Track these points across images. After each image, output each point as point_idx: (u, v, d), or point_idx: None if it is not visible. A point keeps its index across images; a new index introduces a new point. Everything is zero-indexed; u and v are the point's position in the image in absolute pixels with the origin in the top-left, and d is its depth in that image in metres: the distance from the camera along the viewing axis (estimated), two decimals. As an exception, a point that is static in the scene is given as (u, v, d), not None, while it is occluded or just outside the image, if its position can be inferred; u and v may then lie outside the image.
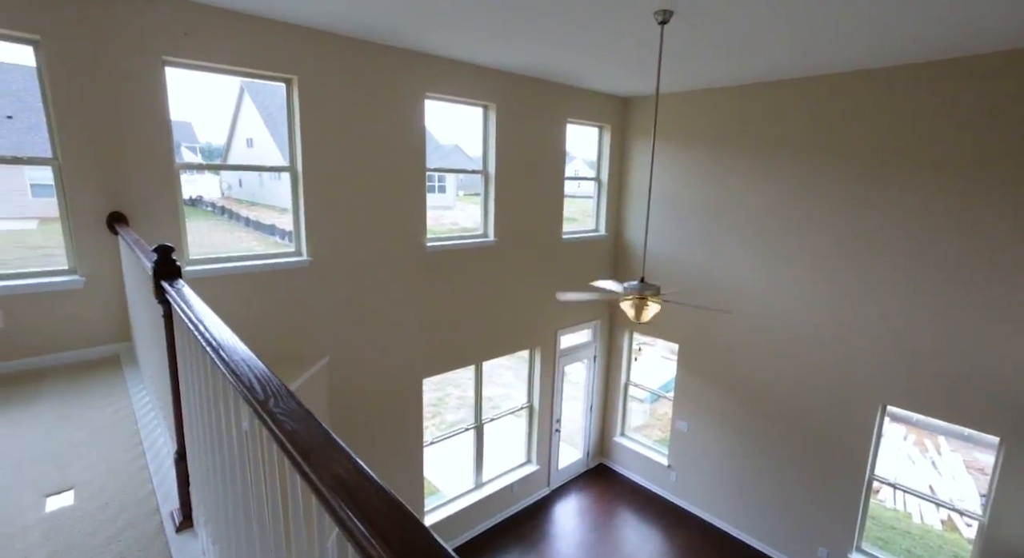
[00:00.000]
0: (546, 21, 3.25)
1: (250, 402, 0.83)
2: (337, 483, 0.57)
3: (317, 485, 0.59)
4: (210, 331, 1.11)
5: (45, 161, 2.92)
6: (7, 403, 2.47)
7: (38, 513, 1.68)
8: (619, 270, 6.59)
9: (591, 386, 6.81)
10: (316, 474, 0.59)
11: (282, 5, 3.14)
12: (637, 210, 6.31)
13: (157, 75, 3.07)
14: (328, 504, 0.56)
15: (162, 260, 1.63)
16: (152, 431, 2.31)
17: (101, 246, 3.06)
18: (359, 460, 0.62)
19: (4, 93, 8.18)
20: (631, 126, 6.22)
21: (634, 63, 4.30)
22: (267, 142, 11.68)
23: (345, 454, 0.62)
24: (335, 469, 0.59)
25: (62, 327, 2.99)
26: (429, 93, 4.28)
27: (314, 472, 0.60)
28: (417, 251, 4.47)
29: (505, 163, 5.00)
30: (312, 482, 0.60)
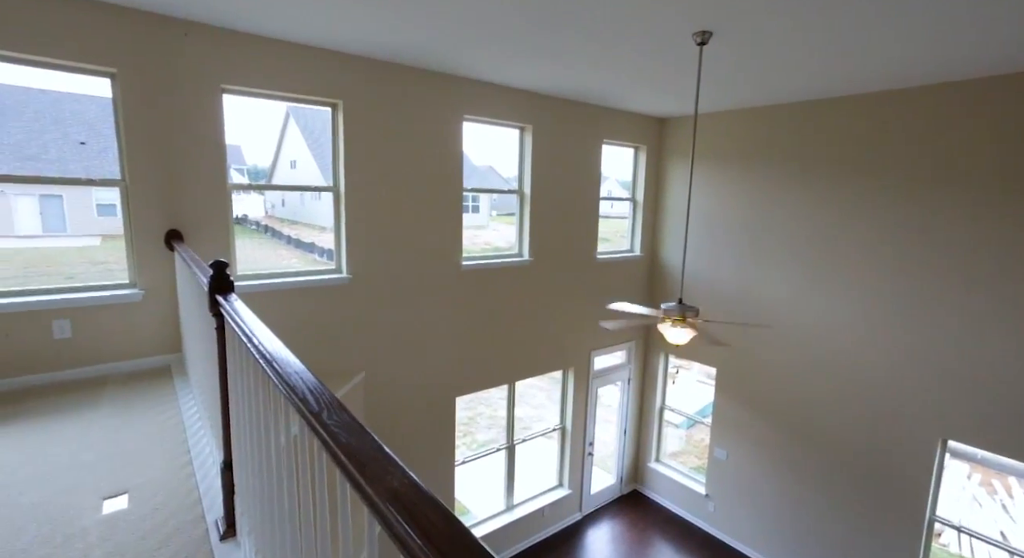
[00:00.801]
0: (583, 44, 3.31)
1: (303, 414, 0.86)
2: (392, 496, 0.58)
3: (372, 498, 0.60)
4: (264, 344, 1.15)
5: (114, 182, 3.13)
6: (76, 407, 2.62)
7: (96, 515, 1.76)
8: (654, 290, 6.48)
9: (625, 409, 6.66)
10: (371, 487, 0.60)
11: (330, 34, 3.31)
12: (673, 230, 6.23)
13: (215, 102, 3.27)
14: (384, 518, 0.57)
15: (217, 275, 1.72)
16: (199, 440, 2.39)
17: (158, 262, 3.23)
18: (413, 474, 0.63)
19: (79, 121, 8.90)
20: (667, 146, 6.19)
21: (671, 84, 4.31)
22: (309, 163, 12.22)
23: (399, 468, 0.63)
24: (390, 482, 0.60)
25: (121, 338, 3.16)
26: (467, 115, 4.40)
27: (369, 485, 0.61)
28: (453, 269, 4.53)
29: (540, 183, 5.06)
30: (367, 495, 0.61)
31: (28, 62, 2.74)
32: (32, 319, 2.84)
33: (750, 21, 2.76)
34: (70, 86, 14.26)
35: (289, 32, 3.27)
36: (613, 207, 7.32)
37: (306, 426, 0.90)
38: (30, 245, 8.85)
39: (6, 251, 8.21)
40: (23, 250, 8.49)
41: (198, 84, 3.18)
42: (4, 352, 2.79)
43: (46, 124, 8.88)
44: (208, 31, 3.14)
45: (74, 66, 2.83)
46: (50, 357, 2.91)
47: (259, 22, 3.10)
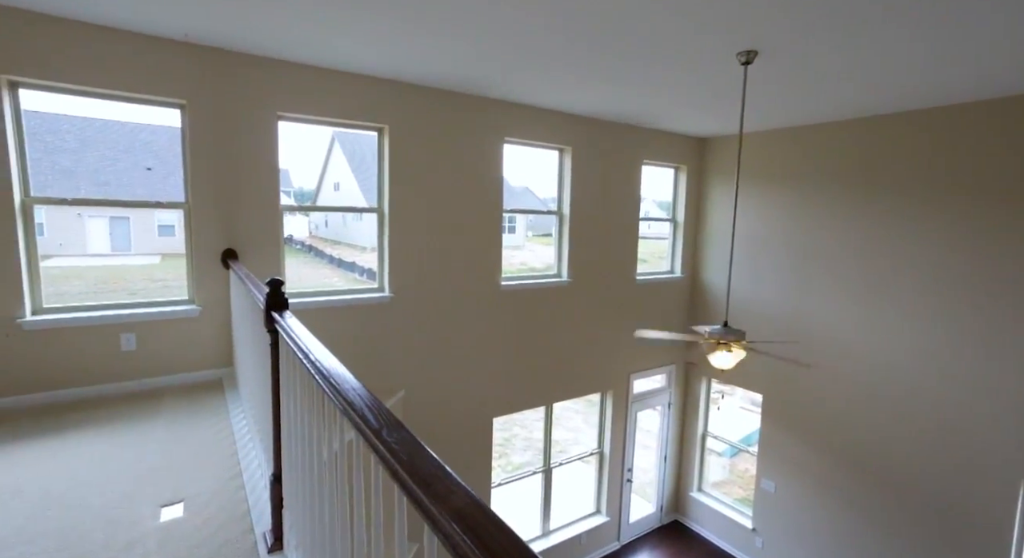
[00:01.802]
0: (625, 67, 3.34)
1: (362, 430, 0.87)
2: (457, 515, 0.58)
3: (436, 516, 0.60)
4: (320, 361, 1.19)
5: (179, 205, 3.34)
6: (138, 417, 2.76)
7: (154, 522, 1.83)
8: (696, 313, 6.31)
9: (665, 435, 6.44)
10: (436, 506, 0.60)
11: (379, 63, 3.47)
12: (715, 251, 6.08)
13: (272, 129, 3.46)
14: (448, 537, 0.57)
15: (273, 293, 1.79)
16: (248, 453, 2.46)
17: (214, 279, 3.40)
18: (475, 493, 0.63)
19: (147, 150, 9.61)
20: (708, 166, 6.10)
21: (713, 104, 4.27)
22: (352, 185, 12.72)
23: (462, 487, 0.63)
24: (455, 502, 0.60)
25: (178, 351, 3.32)
26: (508, 138, 4.48)
27: (434, 504, 0.61)
28: (492, 289, 4.56)
29: (580, 204, 5.07)
30: (430, 513, 0.61)
31: (112, 97, 3.00)
32: (103, 332, 3.03)
33: (797, 39, 2.72)
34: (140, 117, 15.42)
35: (341, 62, 3.45)
36: (650, 228, 7.24)
37: (362, 441, 0.92)
38: (100, 263, 9.51)
39: (80, 268, 8.85)
40: (94, 267, 9.13)
41: (257, 112, 3.38)
42: (78, 363, 2.98)
43: (118, 152, 9.65)
44: (267, 63, 3.35)
45: (151, 99, 3.08)
46: (117, 368, 3.09)
47: (314, 54, 3.28)
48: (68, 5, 2.59)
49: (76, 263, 9.20)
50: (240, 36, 2.98)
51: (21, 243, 2.79)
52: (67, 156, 9.30)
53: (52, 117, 8.83)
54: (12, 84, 2.73)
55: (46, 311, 2.92)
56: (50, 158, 8.47)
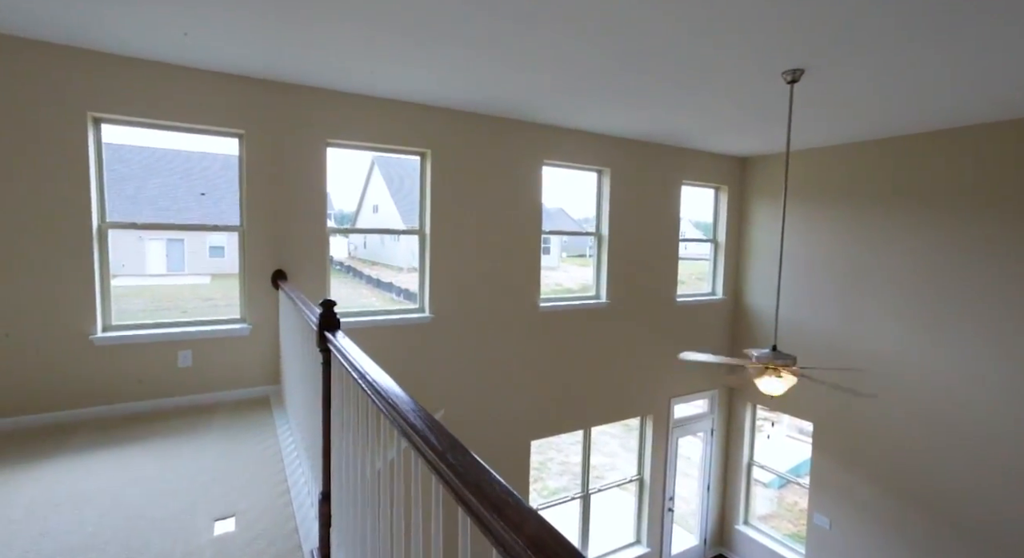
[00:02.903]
0: (666, 88, 3.35)
1: (424, 453, 0.88)
2: (533, 544, 0.57)
3: (510, 544, 0.59)
4: (377, 381, 1.21)
5: (234, 228, 3.52)
6: (193, 431, 2.88)
7: (209, 535, 1.88)
8: (739, 336, 6.11)
9: (708, 463, 6.19)
10: (510, 533, 0.60)
11: (423, 91, 3.60)
12: (759, 272, 5.91)
13: (321, 155, 3.62)
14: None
15: (326, 313, 1.85)
16: (295, 470, 2.51)
17: (264, 299, 3.54)
18: (546, 519, 0.62)
19: (200, 176, 10.23)
20: (750, 186, 5.98)
21: (755, 123, 4.21)
22: (390, 208, 13.08)
23: (534, 513, 0.63)
24: (529, 529, 0.60)
25: (229, 369, 3.45)
26: (547, 160, 4.54)
27: (507, 530, 0.61)
28: (530, 311, 4.57)
29: (618, 225, 5.04)
30: (503, 540, 0.61)
31: (180, 129, 3.23)
32: (162, 348, 3.20)
33: (845, 55, 2.67)
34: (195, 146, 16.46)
35: (386, 90, 3.60)
36: (686, 248, 7.12)
37: (422, 462, 0.93)
38: (157, 283, 10.08)
39: (139, 287, 9.39)
40: (151, 287, 9.67)
41: (308, 139, 3.56)
42: (140, 377, 3.14)
43: (175, 179, 10.31)
44: (318, 93, 3.53)
45: (214, 130, 3.29)
46: (174, 383, 3.24)
47: (362, 83, 3.44)
48: (144, 47, 2.82)
49: (136, 282, 9.76)
50: (294, 69, 3.17)
51: (96, 264, 3.00)
52: (132, 183, 9.99)
53: (118, 147, 9.55)
54: (96, 120, 2.98)
55: (114, 328, 3.11)
56: (117, 185, 9.13)
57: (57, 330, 2.92)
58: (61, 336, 2.93)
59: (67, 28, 2.59)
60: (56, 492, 2.16)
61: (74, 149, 2.89)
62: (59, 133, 2.85)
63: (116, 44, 2.79)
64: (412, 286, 4.27)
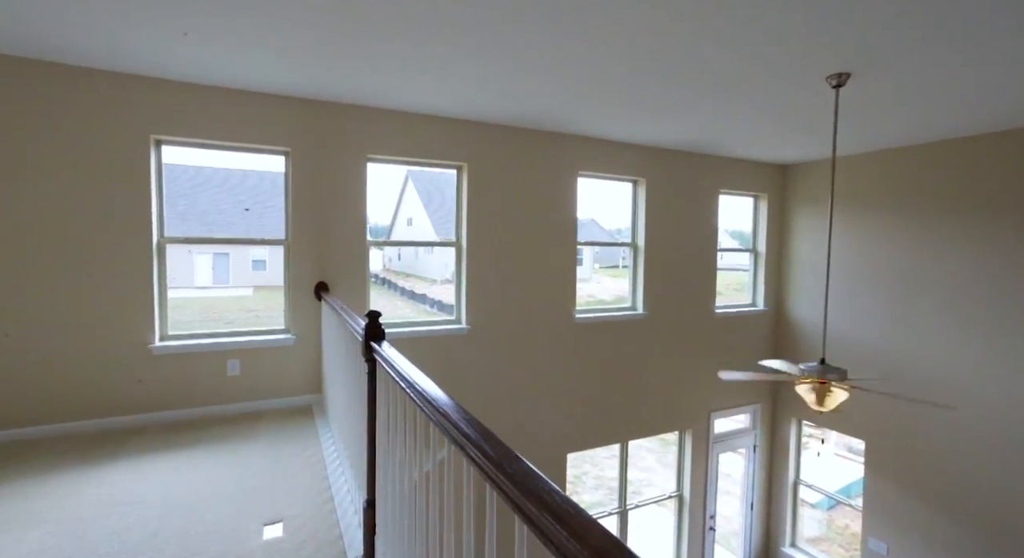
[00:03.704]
0: (704, 98, 3.31)
1: (478, 461, 0.89)
2: (599, 555, 0.57)
3: (574, 554, 0.59)
4: (427, 391, 1.23)
5: (279, 242, 3.65)
6: (241, 438, 2.98)
7: (259, 539, 1.94)
8: (782, 348, 5.90)
9: (750, 481, 5.96)
10: (574, 543, 0.60)
11: (460, 106, 3.68)
12: (802, 283, 5.71)
13: (362, 170, 3.74)
14: (591, 576, 0.56)
15: (372, 324, 1.89)
16: (338, 478, 2.56)
17: (307, 310, 3.65)
18: (608, 530, 0.62)
19: (246, 192, 10.71)
20: (791, 194, 5.82)
21: (798, 130, 4.11)
22: (424, 220, 13.35)
23: (597, 523, 0.63)
24: (593, 539, 0.60)
25: (274, 378, 3.57)
26: (582, 171, 4.55)
27: (571, 541, 0.61)
28: (566, 322, 4.55)
29: (654, 235, 4.98)
30: (566, 551, 0.61)
31: (232, 148, 3.40)
32: (213, 358, 3.34)
33: (895, 56, 2.58)
34: (240, 164, 17.26)
35: (424, 106, 3.70)
36: (722, 259, 6.95)
37: (475, 469, 0.94)
38: (203, 295, 10.55)
39: (188, 299, 9.85)
40: (199, 298, 10.13)
41: (349, 155, 3.68)
42: (193, 385, 3.29)
43: (222, 195, 10.83)
44: (360, 110, 3.66)
45: (262, 148, 3.45)
46: (224, 391, 3.37)
47: (401, 100, 3.54)
48: (199, 73, 3.00)
49: (184, 294, 10.26)
50: (338, 88, 3.29)
51: (155, 277, 3.18)
52: (183, 200, 10.56)
53: (171, 167, 10.16)
54: (157, 141, 3.18)
55: (170, 338, 3.27)
56: (170, 202, 9.70)
57: (120, 339, 3.09)
58: (123, 345, 3.10)
59: (134, 58, 2.78)
60: (119, 493, 2.28)
61: (138, 169, 3.09)
62: (125, 154, 3.05)
63: (176, 71, 2.98)
64: (445, 298, 4.33)
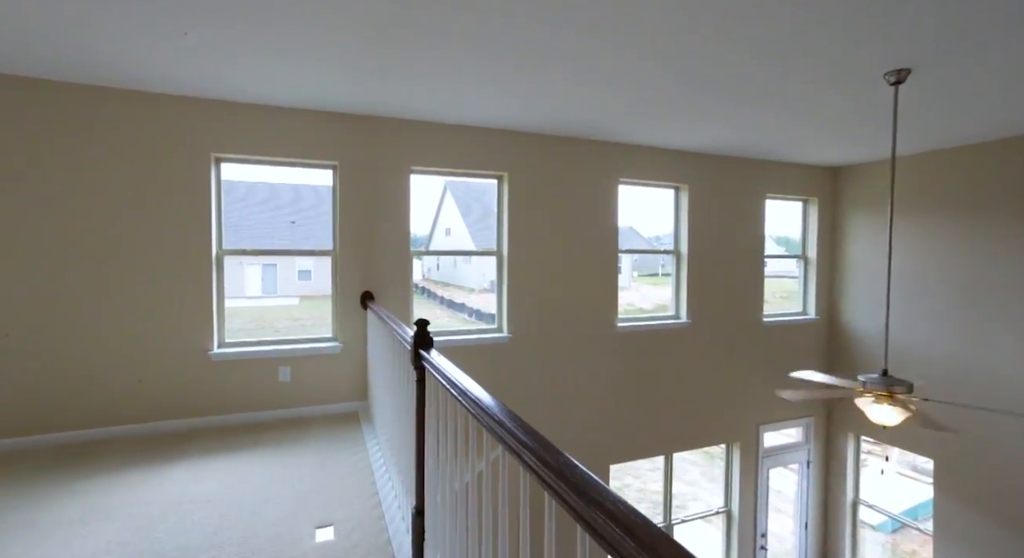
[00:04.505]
0: (751, 103, 3.23)
1: (537, 471, 0.88)
2: (671, 568, 0.56)
3: (646, 567, 0.58)
4: (482, 400, 1.24)
5: (327, 253, 3.78)
6: (292, 442, 3.08)
7: (311, 542, 1.99)
8: (836, 359, 5.61)
9: (804, 498, 5.66)
10: (644, 555, 0.59)
11: (500, 117, 3.73)
12: (858, 290, 5.43)
13: (405, 182, 3.83)
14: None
15: (420, 332, 1.92)
16: (385, 484, 2.60)
17: (353, 319, 3.75)
18: (678, 541, 0.60)
19: (291, 205, 11.17)
20: (844, 197, 5.56)
21: (850, 130, 3.94)
22: (462, 230, 13.53)
23: (665, 534, 0.61)
24: (664, 550, 0.58)
25: (323, 384, 3.67)
26: (622, 179, 4.50)
27: (641, 552, 0.59)
28: (608, 331, 4.49)
29: (697, 242, 4.87)
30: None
31: (284, 163, 3.56)
32: (266, 365, 3.48)
33: (960, 49, 2.44)
34: (287, 178, 18.05)
35: (466, 118, 3.76)
36: (767, 266, 6.69)
37: (533, 477, 0.93)
38: (253, 304, 11.04)
39: (240, 309, 10.33)
40: (249, 308, 10.59)
41: (394, 168, 3.78)
42: (248, 391, 3.43)
43: (270, 208, 11.34)
44: (403, 124, 3.76)
45: (312, 163, 3.60)
46: (276, 397, 3.50)
47: (444, 112, 3.62)
48: (254, 94, 3.17)
49: (235, 304, 10.75)
50: (383, 103, 3.40)
51: (214, 288, 3.35)
52: (235, 214, 11.13)
53: (224, 182, 10.76)
54: (217, 160, 3.37)
55: (227, 345, 3.43)
56: (224, 215, 10.26)
57: (182, 346, 3.27)
58: (185, 351, 3.28)
59: (195, 82, 2.97)
60: (183, 492, 2.40)
61: (200, 185, 3.28)
62: (188, 172, 3.25)
63: (235, 93, 3.16)
64: (484, 306, 4.36)
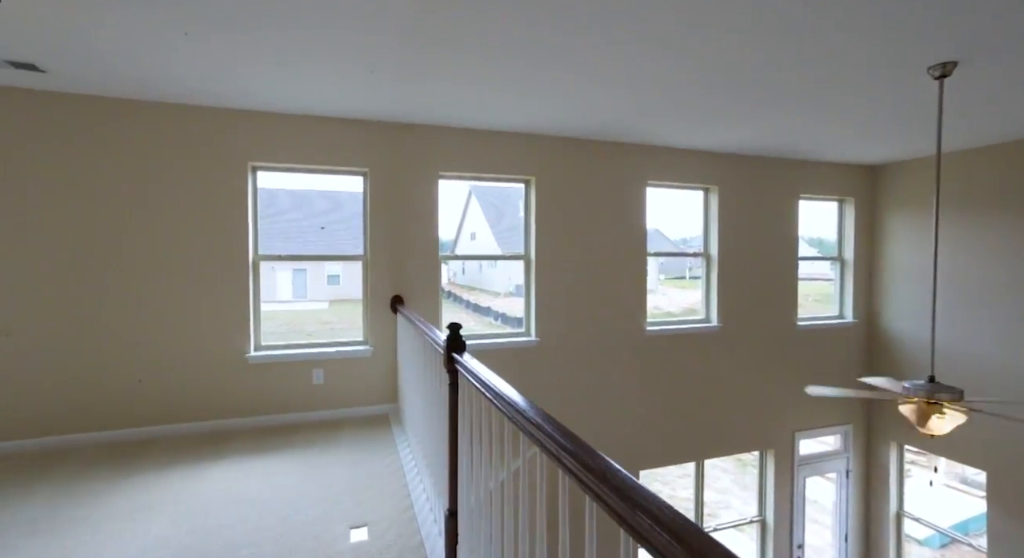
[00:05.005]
0: (785, 101, 3.15)
1: (578, 474, 0.88)
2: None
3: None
4: (518, 403, 1.24)
5: (357, 257, 3.85)
6: (325, 443, 3.14)
7: (346, 542, 2.03)
8: (877, 364, 5.41)
9: (843, 509, 5.45)
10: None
11: (527, 122, 3.74)
12: (899, 292, 5.22)
13: (433, 187, 3.88)
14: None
15: (453, 336, 1.94)
16: (416, 486, 2.62)
17: (383, 322, 3.80)
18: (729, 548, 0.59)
19: (320, 212, 11.43)
20: (883, 196, 5.37)
21: (891, 127, 3.80)
22: (487, 235, 13.61)
23: (716, 541, 0.60)
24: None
25: (354, 387, 3.73)
26: (650, 181, 4.46)
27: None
28: (637, 335, 4.43)
29: (728, 245, 4.77)
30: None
31: (317, 171, 3.65)
32: (300, 367, 3.56)
33: (1011, 39, 2.33)
34: (316, 185, 18.49)
35: (493, 123, 3.79)
36: (800, 268, 6.49)
37: (574, 481, 0.92)
38: (284, 308, 11.32)
39: (272, 313, 10.63)
40: (281, 312, 10.87)
41: (422, 174, 3.83)
42: (282, 392, 3.52)
43: (300, 215, 11.63)
44: (431, 130, 3.81)
45: (343, 170, 3.68)
46: (309, 399, 3.58)
47: (472, 118, 3.65)
48: (289, 104, 3.26)
49: (269, 308, 11.05)
50: (413, 109, 3.45)
51: (251, 292, 3.45)
52: (267, 221, 11.48)
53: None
54: (253, 168, 3.49)
55: (263, 348, 3.53)
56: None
57: (221, 348, 3.38)
58: (224, 354, 3.38)
59: (234, 94, 3.07)
60: (223, 490, 2.47)
61: (238, 194, 3.40)
62: (227, 181, 3.37)
63: (271, 104, 3.26)
64: (509, 310, 4.36)
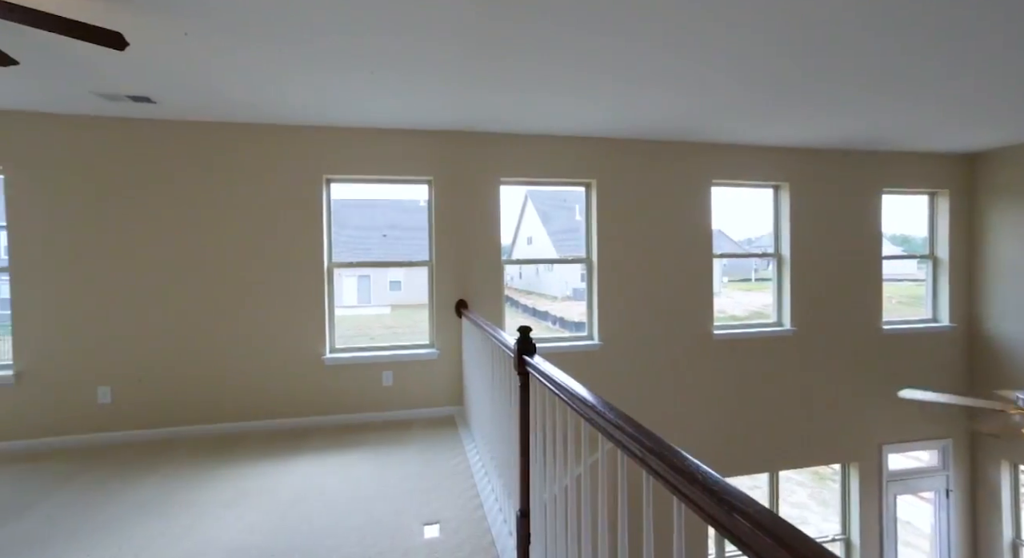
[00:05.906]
0: (873, 91, 2.95)
1: (665, 475, 0.87)
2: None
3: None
4: (597, 405, 1.24)
5: (423, 263, 3.99)
6: (396, 443, 3.27)
7: (419, 538, 2.10)
8: (981, 372, 4.90)
9: (943, 532, 4.96)
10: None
11: (587, 125, 3.73)
12: (1005, 293, 4.71)
13: (495, 194, 3.95)
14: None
15: (523, 338, 1.97)
16: (484, 487, 2.67)
17: (449, 326, 3.90)
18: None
19: (383, 220, 11.91)
20: (983, 187, 4.87)
21: (988, 110, 3.45)
22: (543, 238, 13.66)
23: (823, 548, 0.58)
24: None
25: (420, 389, 3.85)
26: (715, 180, 4.30)
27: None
28: (704, 339, 4.28)
29: (801, 244, 4.51)
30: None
31: (386, 181, 3.83)
32: (371, 369, 3.73)
33: None
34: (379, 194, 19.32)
35: (553, 128, 3.81)
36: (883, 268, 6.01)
37: (660, 482, 0.92)
38: (350, 313, 11.91)
39: (340, 318, 11.22)
40: (347, 317, 11.43)
41: (484, 181, 3.92)
42: (354, 393, 3.70)
43: (365, 223, 12.20)
44: (493, 138, 3.89)
45: (410, 179, 3.84)
46: (379, 400, 3.74)
47: (532, 124, 3.69)
48: (360, 117, 3.44)
49: (338, 313, 11.66)
50: (476, 118, 3.54)
51: (326, 297, 3.67)
52: (335, 230, 12.13)
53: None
54: (327, 181, 3.71)
55: (337, 351, 3.74)
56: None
57: (301, 351, 3.61)
58: (303, 356, 3.61)
59: (308, 112, 3.30)
60: (307, 482, 2.63)
61: (314, 205, 3.63)
62: (305, 193, 3.61)
63: (344, 119, 3.47)
64: (567, 314, 4.34)
